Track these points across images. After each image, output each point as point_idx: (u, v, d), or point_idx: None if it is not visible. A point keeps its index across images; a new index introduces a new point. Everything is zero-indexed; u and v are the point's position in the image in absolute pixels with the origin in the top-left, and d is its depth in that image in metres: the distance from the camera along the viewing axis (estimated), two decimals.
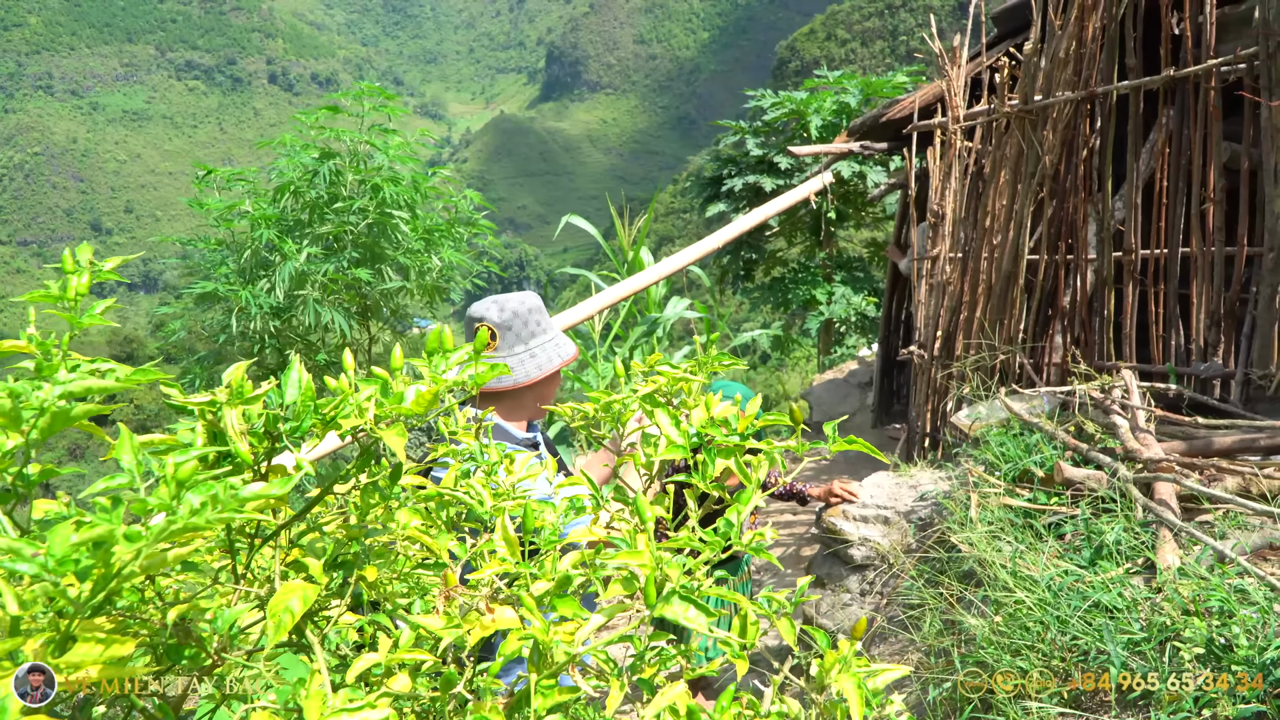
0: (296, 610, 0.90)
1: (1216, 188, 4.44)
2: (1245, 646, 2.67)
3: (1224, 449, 4.00)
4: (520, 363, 2.50)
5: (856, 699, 0.77)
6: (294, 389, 0.95)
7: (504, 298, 2.57)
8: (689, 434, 0.95)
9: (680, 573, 0.83)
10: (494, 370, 0.97)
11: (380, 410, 0.98)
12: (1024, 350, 5.30)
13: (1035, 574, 3.34)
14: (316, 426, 0.96)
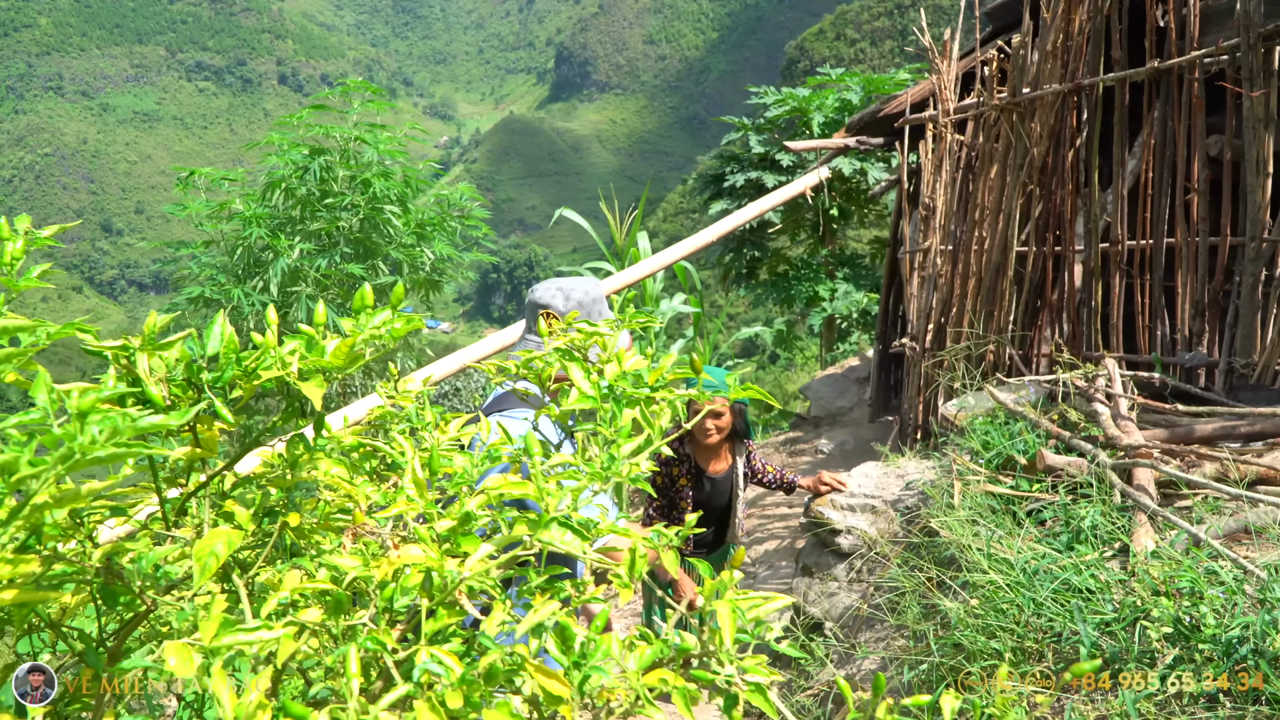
0: (221, 554, 0.95)
1: (1200, 178, 4.46)
2: (1212, 626, 2.70)
3: (1205, 436, 4.03)
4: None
5: (729, 623, 0.81)
6: (216, 341, 0.99)
7: (568, 284, 2.49)
8: (600, 385, 1.00)
9: (559, 501, 0.87)
10: (410, 323, 1.01)
11: (303, 363, 1.03)
12: (1013, 341, 5.33)
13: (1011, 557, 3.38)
14: (238, 377, 1.01)
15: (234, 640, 0.79)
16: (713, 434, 3.90)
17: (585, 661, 0.77)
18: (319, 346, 1.04)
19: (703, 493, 4.06)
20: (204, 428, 1.08)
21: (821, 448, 8.17)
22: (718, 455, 4.13)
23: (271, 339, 1.05)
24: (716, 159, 14.40)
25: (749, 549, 7.41)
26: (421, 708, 0.72)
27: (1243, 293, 4.33)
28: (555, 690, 0.76)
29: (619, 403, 0.99)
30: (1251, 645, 2.59)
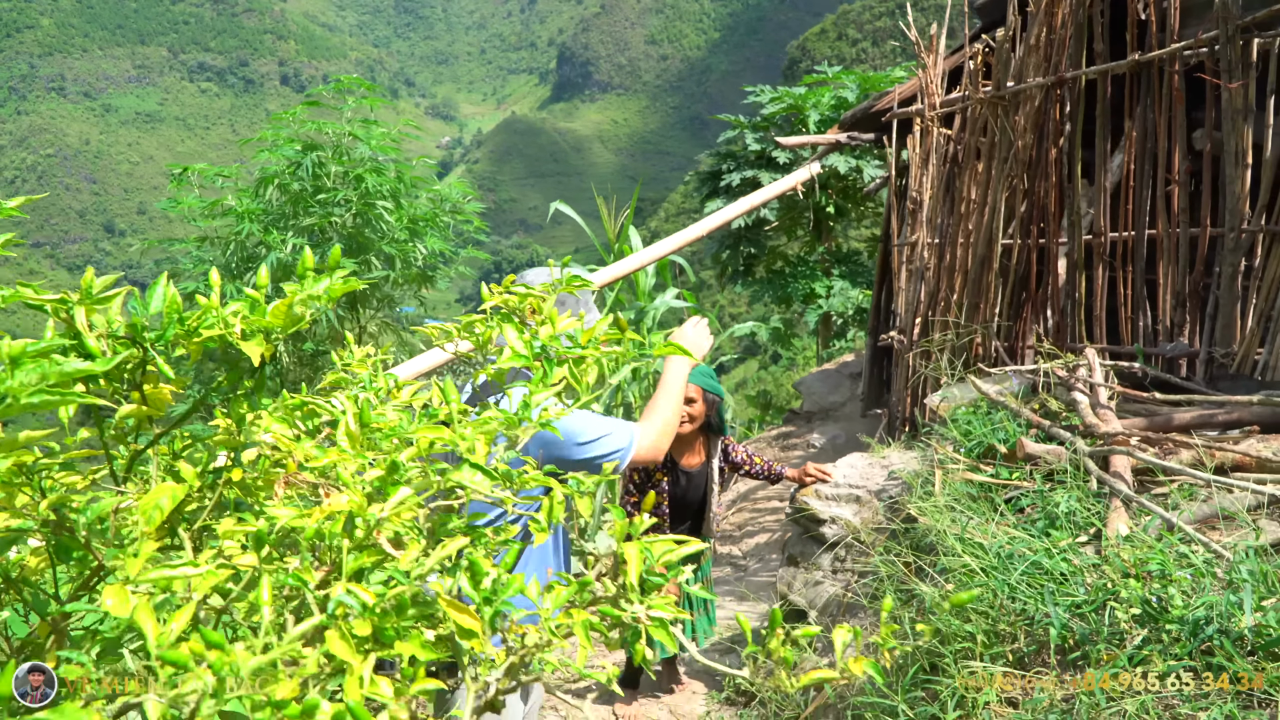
0: (165, 507, 0.99)
1: (1180, 170, 4.50)
2: (1179, 606, 2.73)
3: (1183, 424, 4.07)
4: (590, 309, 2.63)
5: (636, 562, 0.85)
6: (159, 300, 1.03)
7: (533, 274, 2.59)
8: (533, 345, 1.04)
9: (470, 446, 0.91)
10: (347, 284, 1.05)
11: (244, 323, 1.07)
12: (999, 333, 5.36)
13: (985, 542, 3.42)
14: (180, 335, 1.04)
15: (158, 575, 0.83)
16: (685, 420, 3.92)
17: (496, 597, 0.81)
18: (260, 307, 1.08)
19: (678, 487, 4.07)
20: (151, 387, 1.12)
21: (814, 442, 8.21)
22: (692, 449, 4.14)
23: (215, 301, 1.09)
24: (713, 157, 14.45)
25: (740, 542, 7.45)
26: (332, 636, 0.76)
27: (1222, 283, 4.36)
28: (466, 624, 0.80)
29: (550, 361, 1.03)
30: (1217, 626, 2.62)
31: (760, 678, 1.17)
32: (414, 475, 0.93)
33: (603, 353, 1.04)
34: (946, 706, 2.95)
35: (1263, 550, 3.00)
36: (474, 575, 0.82)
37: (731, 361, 40.96)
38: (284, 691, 0.73)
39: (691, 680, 5.17)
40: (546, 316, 1.07)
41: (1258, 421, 3.96)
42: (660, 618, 0.83)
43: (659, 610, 0.83)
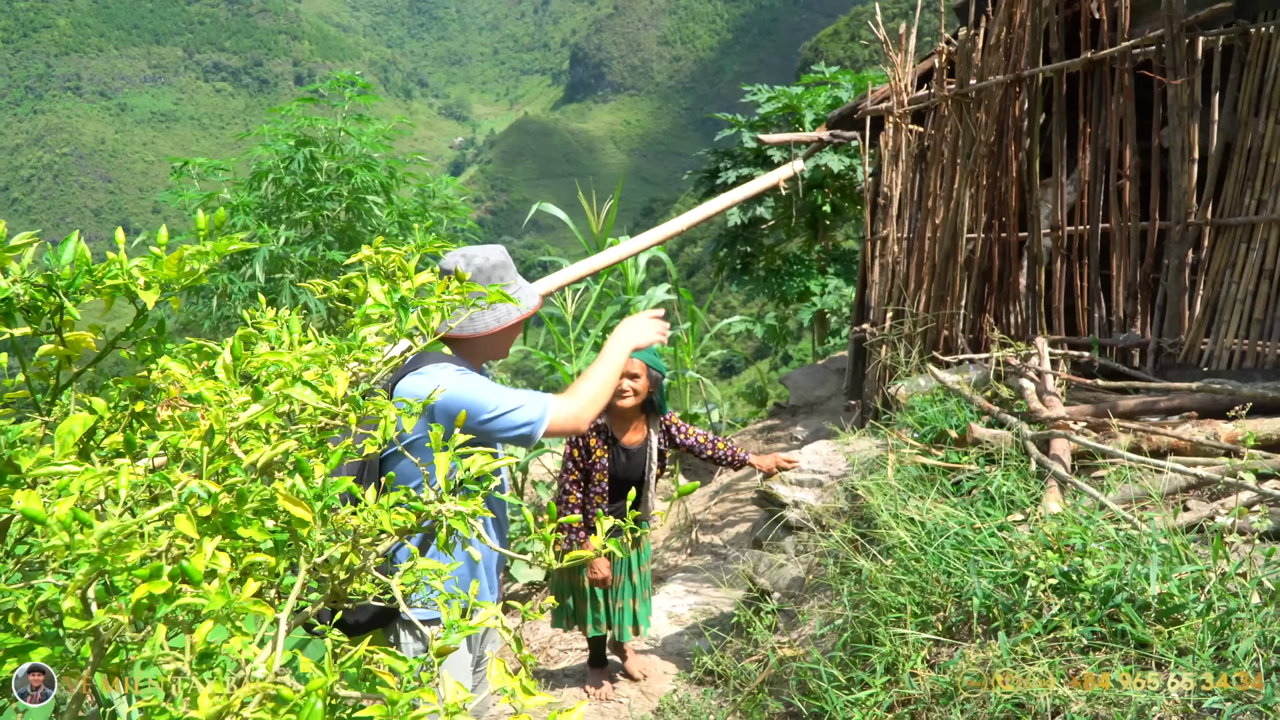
0: (77, 431, 1.16)
1: (1130, 166, 4.64)
2: (1093, 576, 2.88)
3: (1127, 411, 4.21)
4: (479, 315, 2.58)
5: (443, 469, 1.01)
6: (70, 253, 1.21)
7: (471, 251, 2.64)
8: (393, 296, 1.20)
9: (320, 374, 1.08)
10: (233, 242, 1.22)
11: (144, 275, 1.24)
12: (964, 325, 5.51)
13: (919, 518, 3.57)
14: (89, 284, 1.22)
15: (44, 470, 1.00)
16: (628, 395, 4.01)
17: (325, 493, 0.98)
18: (160, 262, 1.25)
19: (618, 464, 4.15)
20: (69, 334, 1.29)
21: (796, 435, 8.36)
22: (633, 426, 4.22)
23: (121, 255, 1.26)
24: (712, 155, 14.59)
25: (721, 531, 7.61)
26: (180, 519, 0.93)
27: (1170, 275, 4.51)
28: (299, 514, 0.97)
29: (405, 309, 1.19)
30: (1125, 595, 2.77)
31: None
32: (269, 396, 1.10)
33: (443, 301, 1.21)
34: (876, 671, 3.10)
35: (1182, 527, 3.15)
36: (304, 474, 0.99)
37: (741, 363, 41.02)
38: (133, 557, 0.90)
39: (663, 661, 5.33)
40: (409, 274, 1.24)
41: (1197, 408, 4.10)
42: (460, 511, 0.99)
43: (461, 505, 0.99)
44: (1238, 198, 4.29)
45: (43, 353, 1.29)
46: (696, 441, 4.49)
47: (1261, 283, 4.20)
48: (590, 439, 4.04)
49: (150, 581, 0.90)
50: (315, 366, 1.09)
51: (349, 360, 1.12)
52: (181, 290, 1.29)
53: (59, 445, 1.14)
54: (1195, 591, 2.72)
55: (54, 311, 1.26)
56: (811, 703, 3.36)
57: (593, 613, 4.39)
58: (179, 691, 0.88)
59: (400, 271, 1.27)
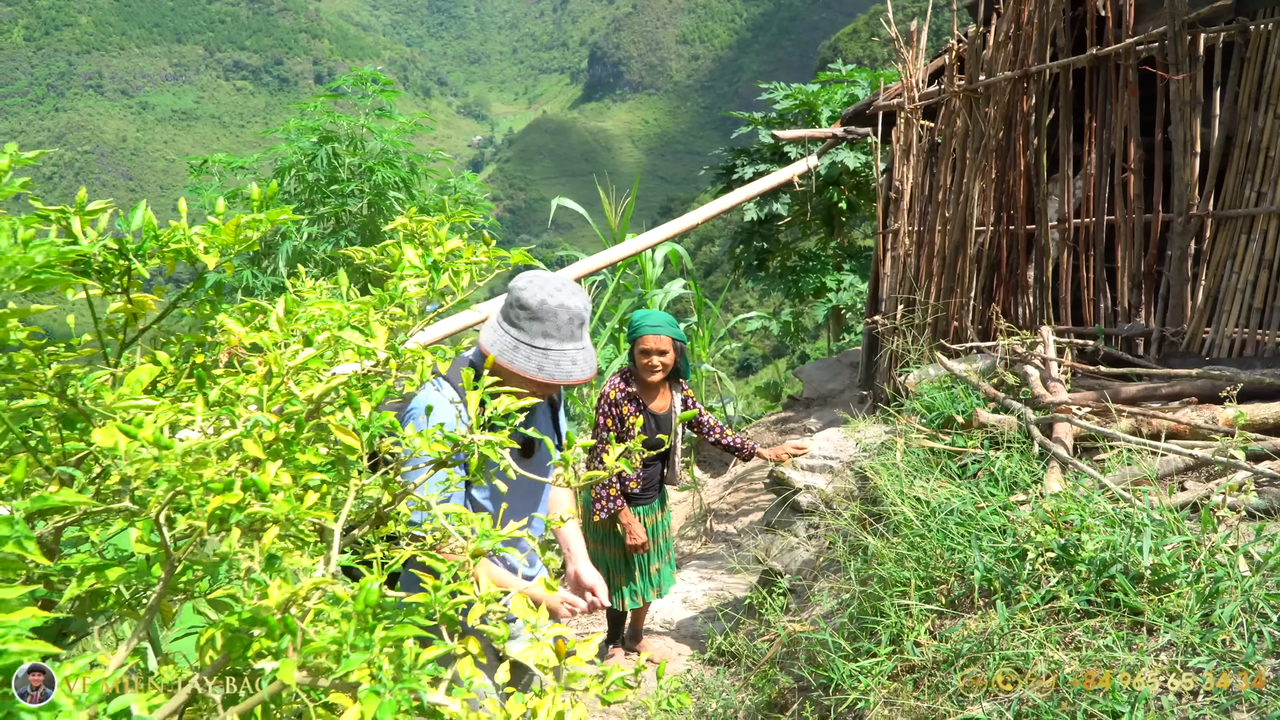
0: (144, 380, 1.32)
1: (1134, 159, 4.74)
2: (1089, 550, 3.00)
3: (1130, 397, 4.32)
4: (491, 326, 2.39)
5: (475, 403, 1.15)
6: (139, 219, 1.36)
7: (551, 283, 2.38)
8: (427, 260, 1.35)
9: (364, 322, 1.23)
10: (283, 210, 1.37)
11: (205, 240, 1.40)
12: (973, 315, 5.62)
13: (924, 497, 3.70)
14: (155, 247, 1.37)
15: (130, 404, 1.15)
16: (657, 370, 4.19)
17: (370, 426, 1.12)
18: (218, 229, 1.41)
19: (650, 431, 4.33)
20: (136, 294, 1.45)
21: (810, 426, 8.48)
22: (659, 393, 4.41)
23: (183, 223, 1.41)
24: (729, 152, 14.70)
25: (735, 520, 7.75)
26: (248, 443, 1.08)
27: (1172, 265, 4.61)
28: (348, 441, 1.11)
29: (438, 270, 1.34)
30: (1119, 566, 2.90)
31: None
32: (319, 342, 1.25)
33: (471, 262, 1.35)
34: (882, 641, 3.24)
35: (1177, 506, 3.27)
36: (353, 407, 1.13)
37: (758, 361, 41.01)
38: (208, 474, 1.05)
39: (677, 644, 5.47)
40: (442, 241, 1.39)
41: (1197, 394, 4.21)
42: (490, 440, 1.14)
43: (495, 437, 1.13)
44: (1238, 190, 4.39)
45: (113, 309, 1.44)
46: (710, 427, 4.64)
47: (1261, 273, 4.30)
48: (623, 407, 4.22)
49: (224, 494, 1.05)
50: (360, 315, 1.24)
51: (390, 309, 1.27)
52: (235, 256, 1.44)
53: (129, 389, 1.29)
54: (1186, 563, 2.84)
55: (123, 273, 1.41)
56: (820, 674, 3.48)
57: (629, 583, 4.54)
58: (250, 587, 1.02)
59: (432, 238, 1.42)
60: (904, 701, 2.93)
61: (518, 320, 2.34)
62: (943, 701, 2.81)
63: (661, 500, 4.66)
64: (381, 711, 0.87)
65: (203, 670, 1.14)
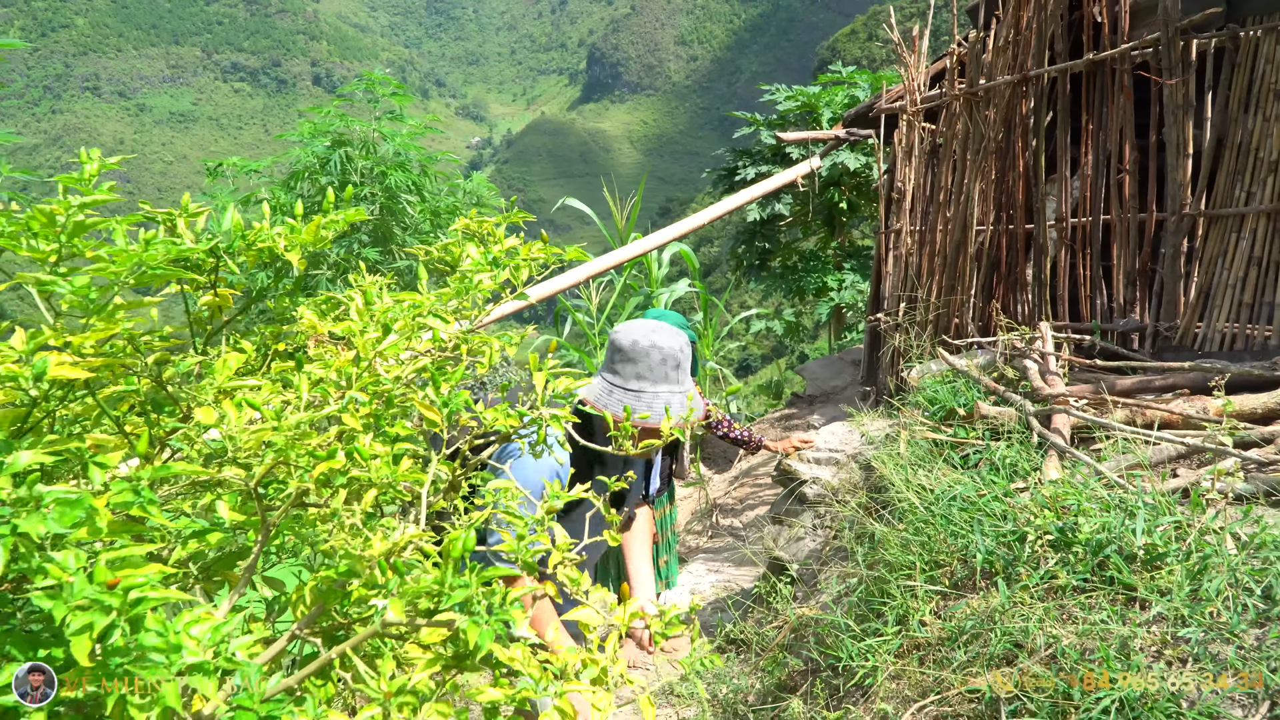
0: (232, 366, 1.48)
1: (1129, 160, 4.91)
2: (1085, 532, 3.17)
3: (1124, 389, 4.49)
4: (607, 390, 2.35)
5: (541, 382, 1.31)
6: (228, 221, 1.52)
7: (645, 325, 2.40)
8: (489, 256, 1.51)
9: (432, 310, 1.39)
10: (357, 213, 1.53)
11: (286, 240, 1.56)
12: (973, 312, 5.79)
13: (928, 485, 3.87)
14: (242, 246, 1.54)
15: (237, 384, 1.31)
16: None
17: (450, 402, 1.28)
18: (296, 229, 1.57)
19: None
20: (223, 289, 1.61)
21: (813, 422, 8.64)
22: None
23: (266, 225, 1.58)
24: (731, 154, 14.87)
25: (740, 515, 7.91)
26: (346, 416, 1.24)
27: (1166, 263, 4.78)
28: (430, 416, 1.27)
29: (499, 265, 1.50)
30: (1114, 547, 3.06)
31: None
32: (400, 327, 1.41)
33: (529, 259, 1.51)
34: (888, 621, 3.41)
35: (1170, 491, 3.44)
36: (435, 385, 1.29)
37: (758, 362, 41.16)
38: (312, 443, 1.21)
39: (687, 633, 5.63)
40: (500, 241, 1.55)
41: (1190, 386, 4.38)
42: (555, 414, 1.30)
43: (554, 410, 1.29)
44: (1229, 190, 4.56)
45: (204, 302, 1.60)
46: (717, 421, 4.78)
47: (1250, 269, 4.47)
48: None
49: (329, 460, 1.21)
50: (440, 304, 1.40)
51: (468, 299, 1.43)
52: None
53: (219, 373, 1.46)
54: (1177, 543, 3.00)
55: (213, 269, 1.58)
56: (829, 654, 3.64)
57: None
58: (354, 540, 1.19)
59: (490, 237, 1.58)
60: (910, 675, 3.10)
61: (613, 364, 2.35)
62: (947, 675, 2.97)
63: (670, 495, 4.80)
64: (482, 639, 1.03)
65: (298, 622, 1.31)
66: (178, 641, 1.09)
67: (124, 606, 1.05)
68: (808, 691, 3.91)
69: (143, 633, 1.06)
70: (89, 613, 1.00)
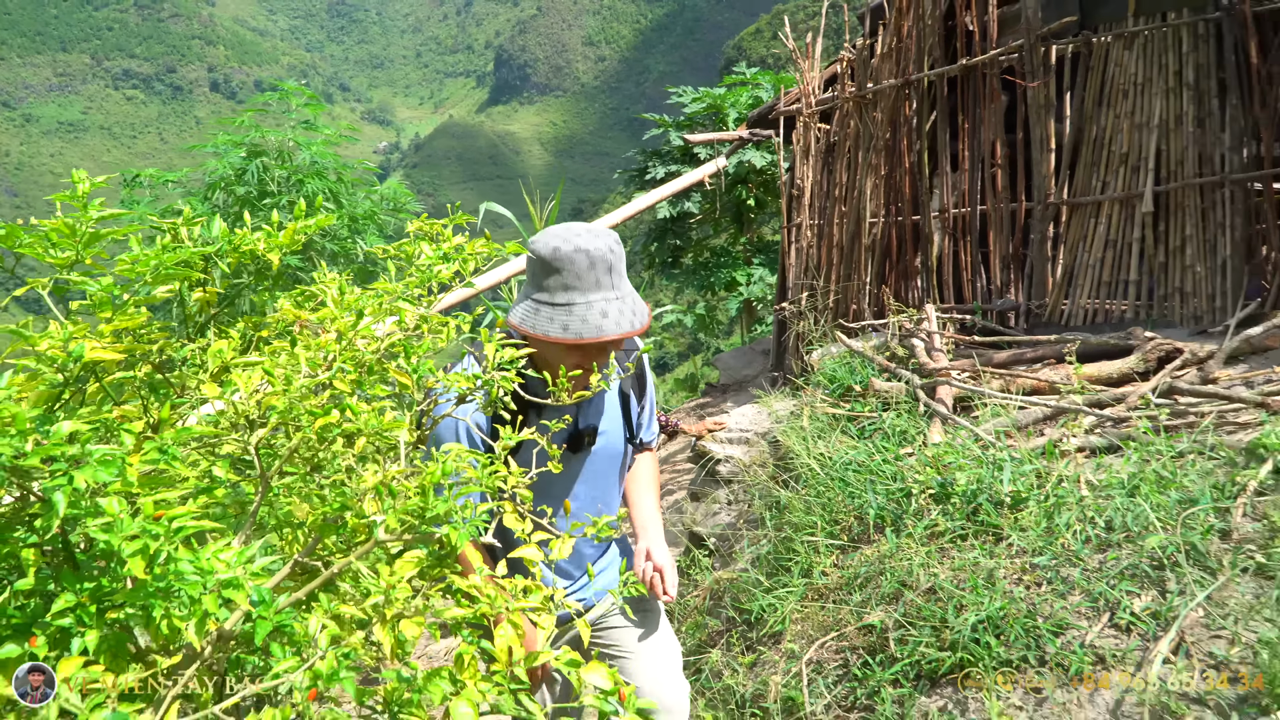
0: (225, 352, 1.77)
1: (1001, 156, 5.42)
2: (962, 485, 3.60)
3: (1000, 361, 4.97)
4: (520, 301, 2.16)
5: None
6: (216, 229, 1.81)
7: (567, 230, 2.13)
8: (440, 251, 1.82)
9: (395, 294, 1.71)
10: (324, 220, 1.83)
11: (266, 243, 1.85)
12: (868, 298, 6.26)
13: (827, 453, 4.28)
14: (229, 249, 1.82)
15: (241, 361, 1.61)
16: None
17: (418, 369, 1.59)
18: (273, 235, 1.86)
19: None
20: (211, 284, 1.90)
21: (727, 409, 9.08)
22: None
23: (247, 231, 1.87)
24: (641, 154, 15.27)
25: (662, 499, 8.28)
26: (337, 380, 1.54)
27: (1034, 247, 5.30)
28: (404, 381, 1.59)
29: (448, 260, 1.81)
30: (986, 495, 3.50)
31: None
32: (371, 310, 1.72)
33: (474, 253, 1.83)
34: (794, 574, 3.80)
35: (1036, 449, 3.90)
36: (406, 355, 1.61)
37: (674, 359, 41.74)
38: (314, 403, 1.52)
39: None
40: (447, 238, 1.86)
41: (1056, 356, 4.89)
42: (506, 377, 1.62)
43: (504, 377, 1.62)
44: (1087, 180, 5.09)
45: (196, 298, 1.89)
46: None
47: (1107, 251, 5.00)
48: None
49: (325, 416, 1.52)
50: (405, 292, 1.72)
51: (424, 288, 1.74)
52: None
53: (213, 357, 1.75)
54: (1038, 490, 3.46)
55: (204, 269, 1.86)
56: (743, 610, 4.02)
57: None
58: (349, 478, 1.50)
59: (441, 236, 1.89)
60: (813, 618, 3.49)
61: (537, 278, 2.10)
62: (846, 614, 3.37)
63: None
64: (460, 540, 1.35)
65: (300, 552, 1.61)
66: (210, 565, 1.39)
67: (168, 534, 1.35)
68: (725, 644, 4.29)
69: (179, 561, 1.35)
70: (140, 540, 1.29)
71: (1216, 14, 4.66)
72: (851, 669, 3.22)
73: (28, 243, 1.65)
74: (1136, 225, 4.89)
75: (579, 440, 2.30)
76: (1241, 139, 4.60)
